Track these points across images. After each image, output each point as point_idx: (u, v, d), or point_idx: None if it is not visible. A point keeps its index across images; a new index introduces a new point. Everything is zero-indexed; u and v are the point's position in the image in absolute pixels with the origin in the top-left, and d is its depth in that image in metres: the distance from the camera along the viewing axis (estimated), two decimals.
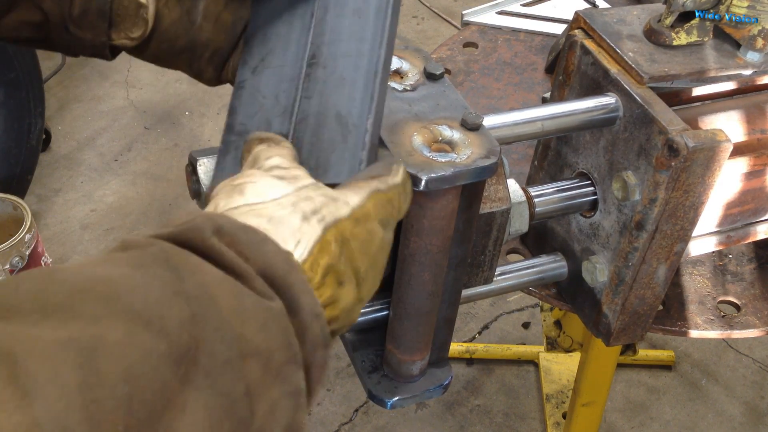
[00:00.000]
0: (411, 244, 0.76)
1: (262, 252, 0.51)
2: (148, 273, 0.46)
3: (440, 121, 0.76)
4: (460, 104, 0.78)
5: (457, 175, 0.71)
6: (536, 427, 2.34)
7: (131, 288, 0.45)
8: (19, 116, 2.73)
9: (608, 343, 1.04)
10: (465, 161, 0.71)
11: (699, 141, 0.85)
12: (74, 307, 0.42)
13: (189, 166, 0.76)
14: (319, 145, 0.64)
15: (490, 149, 0.73)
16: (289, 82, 0.68)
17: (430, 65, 0.81)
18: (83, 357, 0.40)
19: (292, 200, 0.56)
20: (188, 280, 0.47)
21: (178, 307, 0.45)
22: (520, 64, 1.63)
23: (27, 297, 0.42)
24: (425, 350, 0.87)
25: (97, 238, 2.83)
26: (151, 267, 0.47)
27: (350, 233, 0.57)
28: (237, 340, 0.47)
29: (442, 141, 0.74)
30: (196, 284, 0.47)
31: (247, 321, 0.48)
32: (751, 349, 2.56)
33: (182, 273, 0.47)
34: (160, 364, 0.43)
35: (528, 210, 0.94)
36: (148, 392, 0.42)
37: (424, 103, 0.78)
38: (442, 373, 0.91)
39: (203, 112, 3.37)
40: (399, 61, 0.82)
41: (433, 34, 3.87)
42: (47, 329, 0.40)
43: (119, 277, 0.45)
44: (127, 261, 0.48)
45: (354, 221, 0.57)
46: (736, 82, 1.06)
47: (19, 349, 0.39)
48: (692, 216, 0.92)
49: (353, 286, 0.58)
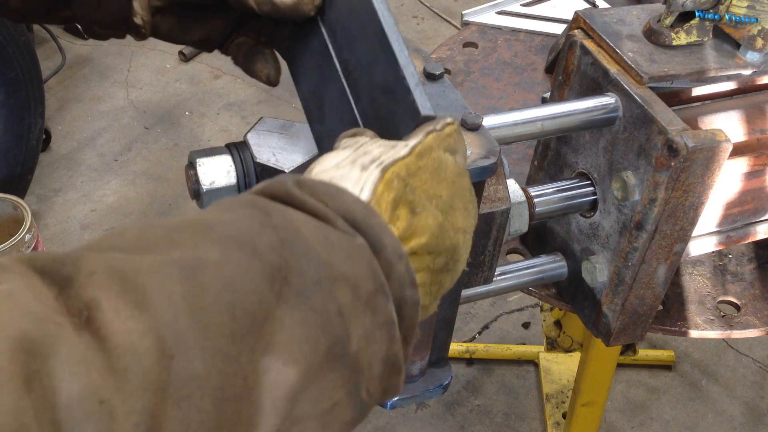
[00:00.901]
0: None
1: (340, 200, 0.54)
2: (237, 212, 0.50)
3: None
4: (459, 104, 0.78)
5: None
6: (536, 427, 2.34)
7: (223, 222, 0.49)
8: (19, 116, 2.73)
9: (608, 343, 1.04)
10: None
11: (699, 141, 0.85)
12: (173, 239, 0.46)
13: (189, 166, 0.76)
14: (385, 123, 0.67)
15: (489, 149, 0.73)
16: (345, 103, 0.71)
17: (430, 65, 0.81)
18: (186, 272, 0.44)
19: (351, 158, 0.59)
20: (274, 216, 0.50)
21: (268, 234, 0.48)
22: (520, 64, 1.63)
23: (131, 239, 0.47)
24: (425, 350, 0.87)
25: None
26: (240, 209, 0.51)
27: (415, 166, 0.59)
28: (325, 266, 0.49)
29: None
30: (282, 219, 0.50)
31: (333, 251, 0.50)
32: (751, 349, 2.56)
33: (268, 210, 0.51)
34: (257, 280, 0.46)
35: (528, 210, 0.94)
36: (249, 303, 0.45)
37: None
38: (442, 373, 0.91)
39: (203, 112, 3.37)
40: None
41: (433, 34, 3.87)
42: (150, 257, 0.44)
43: (211, 216, 0.50)
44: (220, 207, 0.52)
45: (417, 155, 0.59)
46: (736, 82, 1.06)
47: (127, 269, 0.43)
48: (692, 216, 0.92)
49: (433, 211, 0.59)
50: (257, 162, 0.75)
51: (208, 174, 0.75)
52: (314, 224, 0.51)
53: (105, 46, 3.70)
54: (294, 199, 0.53)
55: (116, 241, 0.46)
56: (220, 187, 0.75)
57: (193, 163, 0.75)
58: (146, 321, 0.41)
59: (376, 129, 0.65)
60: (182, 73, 3.55)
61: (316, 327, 0.47)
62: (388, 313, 0.52)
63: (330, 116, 0.72)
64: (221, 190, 0.75)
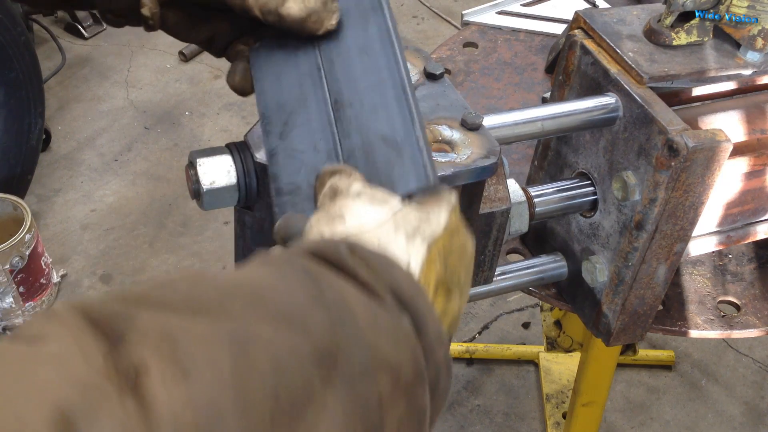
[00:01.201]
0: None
1: (390, 273, 0.54)
2: (288, 279, 0.50)
3: (440, 120, 0.76)
4: (460, 104, 0.78)
5: (457, 175, 0.71)
6: (536, 427, 2.34)
7: (275, 291, 0.48)
8: (19, 116, 2.73)
9: (608, 343, 1.04)
10: (465, 161, 0.71)
11: (699, 141, 0.85)
12: (224, 305, 0.46)
13: (189, 165, 0.76)
14: (377, 170, 0.66)
15: (490, 149, 0.73)
16: (321, 132, 0.70)
17: (430, 65, 0.81)
18: (237, 347, 0.43)
19: (393, 222, 0.59)
20: (326, 290, 0.50)
21: (319, 312, 0.48)
22: (520, 64, 1.63)
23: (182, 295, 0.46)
24: None
25: (97, 238, 2.83)
26: (292, 275, 0.50)
27: (449, 247, 0.60)
28: (371, 349, 0.49)
29: (442, 141, 0.74)
30: (334, 294, 0.50)
31: (381, 334, 0.50)
32: (751, 349, 2.56)
33: (320, 283, 0.50)
34: (305, 362, 0.45)
35: (528, 210, 0.94)
36: (294, 386, 0.44)
37: (424, 103, 0.78)
38: None
39: (203, 112, 3.37)
40: None
41: (433, 34, 3.87)
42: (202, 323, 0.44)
43: (263, 281, 0.49)
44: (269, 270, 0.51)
45: (449, 235, 0.60)
46: (736, 82, 1.06)
47: (180, 334, 0.42)
48: (692, 216, 0.92)
49: (458, 295, 0.61)
50: (257, 162, 0.75)
51: (209, 174, 0.75)
52: (364, 301, 0.51)
53: (105, 46, 3.70)
54: (347, 267, 0.52)
55: (168, 294, 0.46)
56: (221, 186, 0.75)
57: (194, 163, 0.75)
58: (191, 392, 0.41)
59: (363, 172, 0.65)
60: (182, 73, 3.55)
61: (355, 416, 0.47)
62: (422, 403, 0.52)
63: (297, 137, 0.71)
64: (221, 190, 0.75)
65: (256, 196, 0.76)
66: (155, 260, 2.76)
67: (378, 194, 0.61)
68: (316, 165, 0.68)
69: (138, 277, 2.69)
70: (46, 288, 2.57)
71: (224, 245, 2.80)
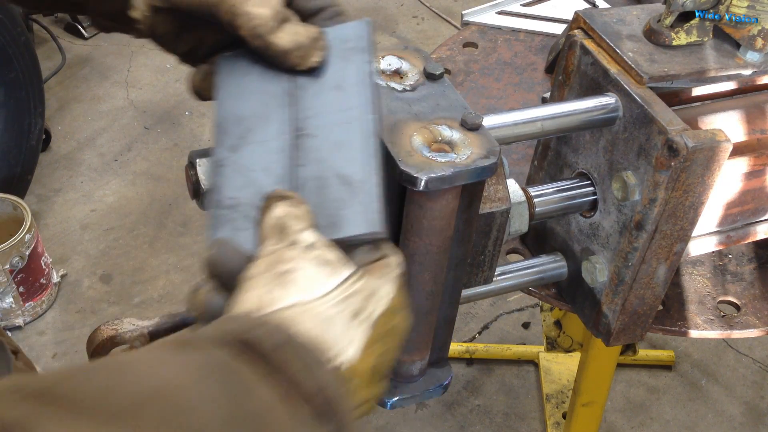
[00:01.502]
0: (411, 244, 0.76)
1: (321, 374, 0.52)
2: (210, 387, 0.48)
3: (440, 121, 0.76)
4: (459, 104, 0.78)
5: (456, 175, 0.70)
6: (536, 427, 2.34)
7: (192, 405, 0.46)
8: (19, 116, 2.73)
9: (608, 343, 1.04)
10: (465, 161, 0.71)
11: (698, 141, 0.85)
12: (137, 416, 0.43)
13: (189, 165, 0.76)
14: (326, 205, 0.65)
15: (489, 149, 0.73)
16: (278, 154, 0.68)
17: (430, 65, 0.81)
18: None
19: (339, 298, 0.57)
20: (246, 402, 0.48)
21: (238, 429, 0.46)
22: (520, 64, 1.63)
23: (96, 394, 0.43)
24: (425, 350, 0.87)
25: (97, 238, 2.83)
26: (214, 382, 0.48)
27: (389, 327, 0.59)
28: None
29: (441, 141, 0.74)
30: (254, 406, 0.48)
31: None
32: (751, 349, 2.56)
33: (242, 392, 0.48)
34: None
35: (528, 210, 0.94)
36: None
37: (424, 103, 0.78)
38: (442, 373, 0.91)
39: (203, 112, 3.37)
40: (399, 61, 0.82)
41: (433, 34, 3.87)
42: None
43: (182, 389, 0.47)
44: (190, 368, 0.49)
45: (390, 314, 0.59)
46: (736, 82, 1.06)
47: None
48: (692, 216, 0.92)
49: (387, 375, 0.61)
50: None
51: (209, 174, 0.75)
52: (285, 411, 0.50)
53: (105, 46, 3.70)
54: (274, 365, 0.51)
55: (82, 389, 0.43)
56: None
57: (194, 163, 0.75)
58: None
59: (312, 202, 0.63)
60: (182, 73, 3.55)
61: None
62: None
63: (250, 154, 0.69)
64: None
65: None
66: (155, 260, 2.76)
67: (329, 255, 0.59)
68: (263, 186, 0.66)
69: (138, 277, 2.69)
70: (46, 288, 2.57)
71: None
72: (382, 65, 0.82)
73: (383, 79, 0.80)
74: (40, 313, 2.57)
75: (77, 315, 2.58)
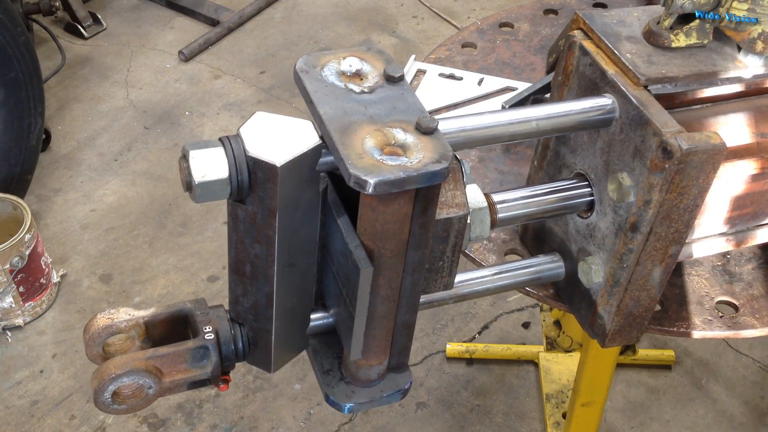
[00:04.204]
0: (364, 247, 0.75)
1: None
2: None
3: (395, 124, 0.75)
4: (416, 108, 0.77)
5: (406, 179, 0.69)
6: (536, 427, 2.34)
7: None
8: (19, 116, 2.73)
9: (603, 345, 1.04)
10: (415, 165, 0.70)
11: (693, 143, 0.85)
12: None
13: (182, 158, 0.76)
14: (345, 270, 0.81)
15: (442, 154, 0.72)
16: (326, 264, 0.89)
17: (391, 68, 0.80)
18: None
19: None
20: None
21: None
22: (519, 64, 1.63)
23: None
24: (383, 355, 0.86)
25: (96, 238, 2.83)
26: None
27: None
28: None
29: (394, 144, 0.73)
30: None
31: None
32: (751, 349, 2.56)
33: None
34: None
35: (489, 216, 0.93)
36: None
37: (381, 106, 0.77)
38: (402, 378, 0.90)
39: (203, 112, 3.37)
40: (360, 63, 0.81)
41: (433, 34, 3.87)
42: None
43: None
44: None
45: None
46: (741, 85, 1.05)
47: None
48: (687, 218, 0.92)
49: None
50: (249, 156, 0.74)
51: (200, 166, 0.74)
52: None
53: (105, 46, 3.70)
54: None
55: None
56: (212, 180, 0.74)
57: (186, 156, 0.75)
58: None
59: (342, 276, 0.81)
60: (182, 73, 3.55)
61: None
62: None
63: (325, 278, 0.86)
64: (213, 183, 0.74)
65: (248, 190, 0.76)
66: (155, 260, 2.76)
67: None
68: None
69: (138, 277, 2.69)
70: (46, 288, 2.57)
71: (224, 245, 2.79)
72: (343, 66, 0.81)
73: (342, 80, 0.79)
74: (40, 313, 2.58)
75: (77, 315, 2.59)
